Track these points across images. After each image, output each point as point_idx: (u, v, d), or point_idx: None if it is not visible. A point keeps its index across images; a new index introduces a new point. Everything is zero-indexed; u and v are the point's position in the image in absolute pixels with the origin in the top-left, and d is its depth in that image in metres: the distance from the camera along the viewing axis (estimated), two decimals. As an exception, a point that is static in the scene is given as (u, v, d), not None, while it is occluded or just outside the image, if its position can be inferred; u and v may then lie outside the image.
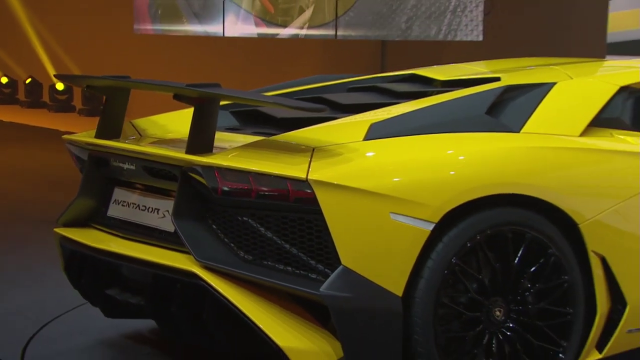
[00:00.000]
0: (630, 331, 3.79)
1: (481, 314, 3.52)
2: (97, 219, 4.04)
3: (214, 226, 3.54)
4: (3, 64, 17.89)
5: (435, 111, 3.78)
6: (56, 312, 4.87)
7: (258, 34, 12.14)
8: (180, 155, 3.54)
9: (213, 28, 12.59)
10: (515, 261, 3.56)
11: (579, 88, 4.11)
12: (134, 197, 3.89)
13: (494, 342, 3.55)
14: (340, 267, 3.30)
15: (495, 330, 3.56)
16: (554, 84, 4.00)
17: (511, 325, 3.58)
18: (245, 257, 3.47)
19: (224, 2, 12.34)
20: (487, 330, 3.54)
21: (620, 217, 3.75)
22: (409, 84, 4.63)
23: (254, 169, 3.37)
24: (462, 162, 3.56)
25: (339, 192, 3.30)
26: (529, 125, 3.81)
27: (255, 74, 12.43)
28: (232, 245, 3.50)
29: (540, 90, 3.97)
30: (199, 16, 12.76)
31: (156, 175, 3.72)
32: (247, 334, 3.42)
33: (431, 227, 3.36)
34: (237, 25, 12.33)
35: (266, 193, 3.36)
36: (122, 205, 3.93)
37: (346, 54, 12.08)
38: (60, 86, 15.61)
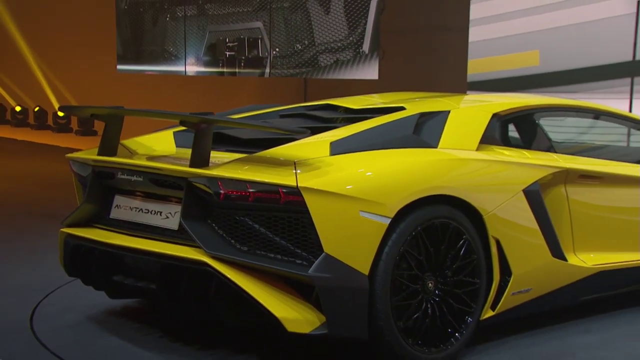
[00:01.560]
0: (513, 294, 3.73)
1: (420, 286, 3.41)
2: (99, 220, 3.71)
3: (214, 225, 3.30)
4: (17, 96, 17.45)
5: (376, 132, 3.62)
6: (56, 285, 4.56)
7: (211, 72, 11.88)
8: (188, 168, 3.30)
9: (177, 68, 12.31)
10: (443, 245, 3.46)
11: (466, 115, 3.98)
12: (135, 202, 3.58)
13: (429, 306, 3.44)
14: (323, 254, 3.13)
15: (429, 298, 3.45)
16: (449, 111, 3.88)
17: (439, 293, 3.47)
18: (242, 248, 3.25)
19: (185, 48, 12.06)
20: (424, 298, 3.43)
21: (508, 211, 3.67)
22: (330, 111, 4.36)
23: (251, 178, 3.17)
24: (407, 171, 3.42)
25: (322, 196, 3.14)
26: (442, 142, 3.68)
27: (208, 103, 12.16)
28: (231, 239, 3.27)
29: (441, 116, 3.83)
30: (167, 59, 12.50)
31: (161, 184, 3.45)
32: (248, 308, 3.22)
33: (388, 221, 3.23)
34: (194, 67, 12.08)
35: (261, 197, 3.16)
36: (124, 209, 3.62)
37: (277, 88, 11.92)
38: (61, 113, 15.16)
